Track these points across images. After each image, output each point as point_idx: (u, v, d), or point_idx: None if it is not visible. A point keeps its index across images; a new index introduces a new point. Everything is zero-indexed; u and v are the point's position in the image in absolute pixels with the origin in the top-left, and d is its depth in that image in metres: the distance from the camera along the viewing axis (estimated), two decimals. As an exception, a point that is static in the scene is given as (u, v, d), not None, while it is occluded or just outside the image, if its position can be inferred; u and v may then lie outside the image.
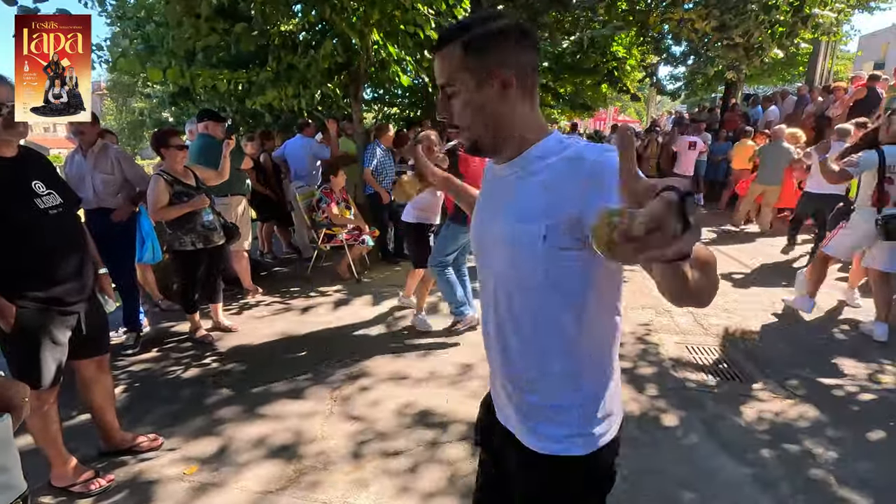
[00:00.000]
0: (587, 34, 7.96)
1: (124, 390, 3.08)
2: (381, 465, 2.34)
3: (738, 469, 2.27)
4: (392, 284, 5.04)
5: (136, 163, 3.66)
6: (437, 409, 2.79)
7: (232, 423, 2.72)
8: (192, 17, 3.28)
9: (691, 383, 3.02)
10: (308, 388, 3.06)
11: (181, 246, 3.50)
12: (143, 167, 3.78)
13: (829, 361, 3.26)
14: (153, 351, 3.64)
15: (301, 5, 4.81)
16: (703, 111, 13.07)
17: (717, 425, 2.60)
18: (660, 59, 10.45)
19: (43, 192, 1.90)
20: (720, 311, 4.16)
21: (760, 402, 2.80)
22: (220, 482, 2.26)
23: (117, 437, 2.42)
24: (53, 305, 1.91)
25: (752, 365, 3.24)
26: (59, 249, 1.94)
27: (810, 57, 11.79)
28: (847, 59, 22.63)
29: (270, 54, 5.03)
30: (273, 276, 5.64)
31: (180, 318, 4.11)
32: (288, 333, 3.91)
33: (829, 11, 7.28)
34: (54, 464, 2.14)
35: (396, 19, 4.66)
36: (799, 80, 14.10)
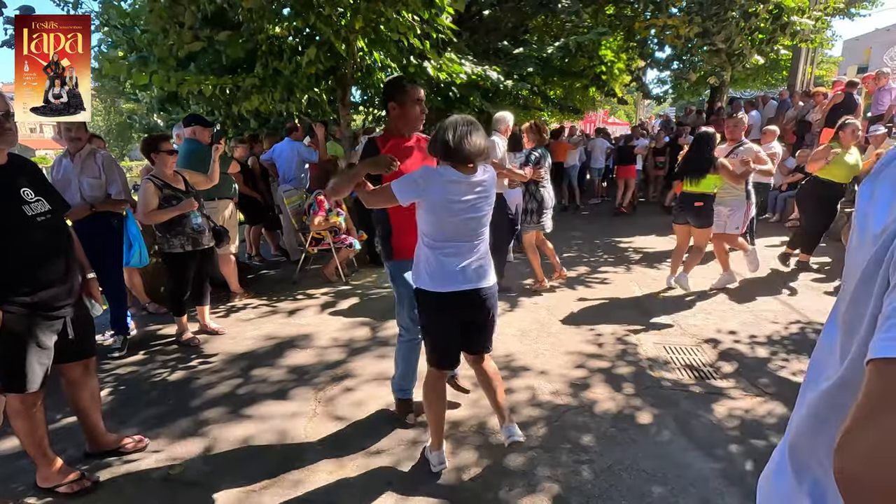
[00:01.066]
0: (573, 39, 8.08)
1: (110, 393, 3.11)
2: (364, 463, 2.40)
3: (707, 464, 2.35)
4: (379, 287, 5.10)
5: (122, 170, 3.69)
6: (420, 409, 2.85)
7: (217, 424, 2.76)
8: (176, 26, 3.32)
9: (667, 382, 3.11)
10: (293, 390, 3.11)
11: (170, 248, 3.57)
12: (128, 172, 3.81)
13: (802, 361, 3.37)
14: (139, 354, 3.67)
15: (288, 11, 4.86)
16: (689, 114, 13.28)
17: (690, 423, 2.69)
18: (646, 63, 10.61)
19: (31, 199, 1.94)
20: (699, 312, 4.27)
21: (732, 400, 2.89)
22: (205, 482, 2.30)
23: (103, 438, 2.46)
24: (40, 310, 1.95)
25: (727, 364, 3.34)
26: (47, 255, 1.98)
27: (791, 62, 12.03)
28: (832, 62, 23.04)
29: (258, 60, 5.07)
30: (261, 279, 5.68)
31: (167, 322, 4.14)
32: (274, 336, 3.96)
33: (807, 19, 7.46)
34: (40, 465, 2.17)
35: (381, 27, 4.73)
36: (782, 84, 14.35)
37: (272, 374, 3.31)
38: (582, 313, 4.27)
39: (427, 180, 1.98)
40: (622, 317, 4.18)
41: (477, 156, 1.99)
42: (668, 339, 3.75)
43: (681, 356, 3.46)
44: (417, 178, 2.00)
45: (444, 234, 2.06)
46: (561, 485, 2.23)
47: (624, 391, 3.01)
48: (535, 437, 2.57)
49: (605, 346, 3.63)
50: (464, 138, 1.95)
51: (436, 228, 2.06)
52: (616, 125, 24.35)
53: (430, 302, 2.13)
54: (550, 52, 8.22)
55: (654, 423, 2.69)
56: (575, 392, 3.00)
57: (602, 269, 5.68)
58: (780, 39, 7.67)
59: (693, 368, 3.28)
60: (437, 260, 2.07)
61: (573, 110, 12.80)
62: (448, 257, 2.07)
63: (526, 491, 2.20)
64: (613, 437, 2.56)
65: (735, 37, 7.35)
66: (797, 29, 7.29)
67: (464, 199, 2.02)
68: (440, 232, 2.06)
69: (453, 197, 2.00)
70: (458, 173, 2.00)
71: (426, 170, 2.07)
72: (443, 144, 1.98)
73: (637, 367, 3.31)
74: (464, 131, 1.97)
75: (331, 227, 5.15)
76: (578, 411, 2.80)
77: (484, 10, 8.29)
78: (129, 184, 4.11)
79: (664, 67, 10.69)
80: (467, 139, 1.95)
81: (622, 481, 2.25)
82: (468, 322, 2.21)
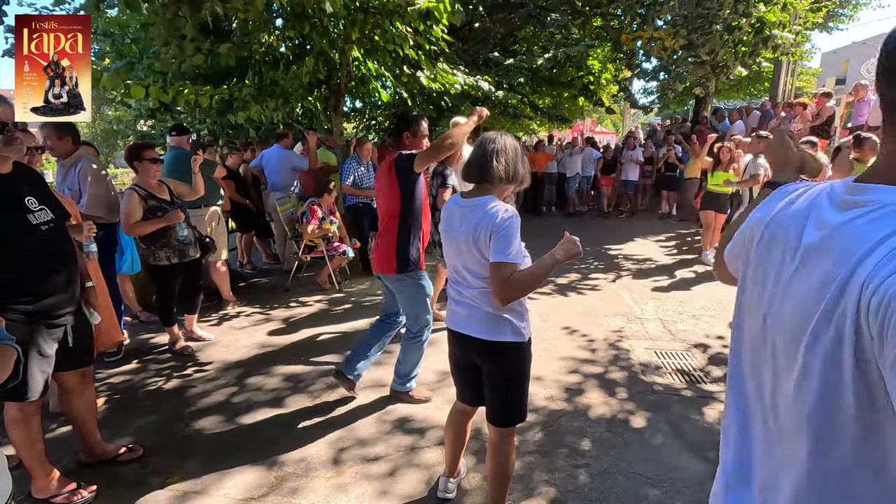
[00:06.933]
0: (562, 51, 8.23)
1: (105, 401, 3.09)
2: (360, 471, 2.41)
3: (700, 466, 2.41)
4: (372, 295, 5.12)
5: (102, 183, 3.55)
6: (416, 416, 2.88)
7: (213, 432, 2.76)
8: (178, 38, 3.32)
9: (659, 387, 3.17)
10: (288, 397, 3.11)
11: (156, 261, 3.49)
12: (114, 180, 3.77)
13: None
14: (133, 362, 3.64)
15: (282, 20, 4.90)
16: (675, 123, 13.53)
17: (682, 426, 2.74)
18: (633, 73, 10.82)
19: (36, 208, 1.94)
20: (688, 317, 4.35)
21: (721, 404, 2.95)
22: (201, 490, 2.30)
23: (98, 447, 2.44)
24: (42, 318, 1.94)
25: (716, 368, 3.41)
26: (50, 264, 1.98)
27: (773, 74, 12.34)
28: (811, 74, 23.61)
29: (251, 69, 5.09)
30: (253, 287, 5.66)
31: (159, 330, 4.11)
32: (268, 344, 3.95)
33: (787, 33, 7.69)
34: (36, 476, 2.15)
35: (376, 37, 4.79)
36: (765, 95, 14.71)
37: (267, 383, 3.31)
38: (574, 319, 4.33)
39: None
40: (614, 323, 4.25)
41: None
42: (658, 344, 3.82)
43: (672, 361, 3.53)
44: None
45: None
46: (558, 489, 2.27)
47: (617, 396, 3.07)
48: (532, 442, 2.60)
49: (597, 351, 3.69)
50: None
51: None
52: (603, 134, 24.68)
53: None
54: (540, 62, 8.35)
55: (648, 426, 2.74)
56: (570, 397, 3.05)
57: (593, 276, 5.75)
58: (762, 52, 7.89)
59: (684, 373, 3.35)
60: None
61: (561, 119, 12.99)
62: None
63: (523, 496, 2.23)
64: (608, 441, 2.61)
65: (719, 49, 7.54)
66: (778, 42, 7.51)
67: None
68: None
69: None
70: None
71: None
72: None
73: (629, 371, 3.37)
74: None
75: (324, 235, 5.16)
76: (574, 416, 2.85)
77: (475, 22, 8.41)
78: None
79: (651, 78, 10.90)
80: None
81: (618, 484, 2.29)
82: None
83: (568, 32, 8.67)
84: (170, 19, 3.19)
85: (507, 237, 1.67)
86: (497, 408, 1.90)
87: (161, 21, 3.18)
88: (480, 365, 1.92)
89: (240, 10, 3.47)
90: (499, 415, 1.89)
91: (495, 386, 1.89)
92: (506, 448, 1.90)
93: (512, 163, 1.79)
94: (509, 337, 1.80)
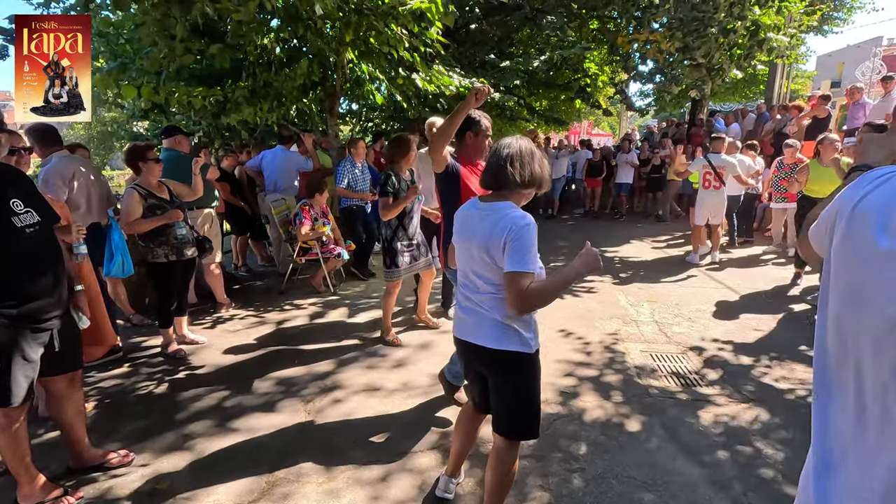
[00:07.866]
0: (558, 53, 8.24)
1: (94, 406, 3.05)
2: (353, 476, 2.39)
3: (695, 470, 2.39)
4: (367, 297, 5.09)
5: (51, 186, 3.39)
6: (409, 420, 2.86)
7: (204, 437, 2.73)
8: (167, 38, 3.31)
9: (654, 390, 3.15)
10: (281, 401, 3.08)
11: (154, 258, 3.54)
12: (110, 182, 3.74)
13: (785, 367, 3.44)
14: (124, 366, 3.60)
15: (277, 22, 4.88)
16: (671, 125, 13.57)
17: (677, 429, 2.73)
18: (629, 76, 10.86)
19: (20, 211, 1.91)
20: (683, 320, 4.34)
21: (717, 407, 2.94)
22: (192, 496, 2.27)
23: (87, 453, 2.40)
24: (26, 322, 1.91)
25: (712, 371, 3.40)
26: (35, 267, 1.95)
27: (768, 77, 12.39)
28: (807, 77, 23.76)
29: (245, 71, 5.06)
30: (248, 290, 5.62)
31: (151, 333, 4.08)
32: (262, 347, 3.92)
33: (782, 36, 7.72)
34: (21, 482, 2.11)
35: (371, 39, 4.77)
36: (760, 98, 14.76)
37: (260, 386, 3.28)
38: (570, 322, 4.31)
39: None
40: (609, 325, 4.24)
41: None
42: (654, 347, 3.81)
43: (667, 364, 3.51)
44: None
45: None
46: (552, 493, 2.25)
47: (612, 399, 3.05)
48: (527, 445, 2.57)
49: (592, 354, 3.67)
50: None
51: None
52: (600, 136, 24.72)
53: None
54: (536, 65, 8.36)
55: (643, 430, 2.73)
56: (565, 400, 3.03)
57: (588, 278, 5.74)
58: (757, 55, 7.92)
59: (679, 376, 3.34)
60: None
61: (558, 121, 13.00)
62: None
63: (517, 500, 2.21)
64: (603, 445, 2.59)
65: (714, 52, 7.56)
66: (773, 45, 7.55)
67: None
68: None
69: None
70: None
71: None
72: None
73: (625, 375, 3.35)
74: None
75: (318, 237, 5.13)
76: (568, 420, 2.83)
77: (471, 24, 8.41)
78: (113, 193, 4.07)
79: (647, 80, 10.95)
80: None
81: (612, 489, 2.27)
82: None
83: (564, 35, 8.69)
84: (159, 19, 3.17)
85: (523, 245, 1.62)
86: (501, 416, 1.87)
87: (150, 21, 3.17)
88: (486, 375, 1.89)
89: (232, 11, 3.46)
90: (503, 424, 1.86)
91: (500, 396, 1.85)
92: (509, 459, 1.87)
93: (528, 167, 1.76)
94: (515, 346, 1.76)
